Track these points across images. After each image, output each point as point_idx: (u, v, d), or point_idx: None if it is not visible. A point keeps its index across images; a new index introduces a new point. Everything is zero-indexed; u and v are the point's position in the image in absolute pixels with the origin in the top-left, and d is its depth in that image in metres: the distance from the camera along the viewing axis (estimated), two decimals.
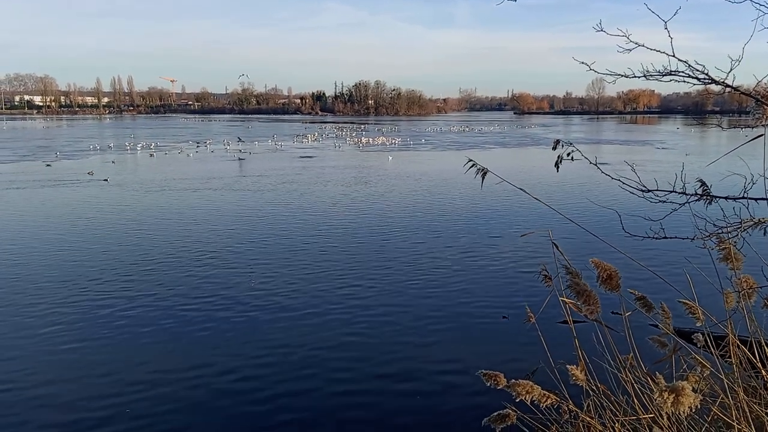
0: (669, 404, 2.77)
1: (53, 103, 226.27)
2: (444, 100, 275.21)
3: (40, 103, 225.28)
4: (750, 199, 3.78)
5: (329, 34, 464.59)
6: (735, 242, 3.77)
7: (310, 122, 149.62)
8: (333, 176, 37.83)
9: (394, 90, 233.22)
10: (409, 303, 13.31)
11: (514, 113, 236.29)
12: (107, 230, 21.24)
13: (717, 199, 3.79)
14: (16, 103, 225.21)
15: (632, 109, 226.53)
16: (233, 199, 28.78)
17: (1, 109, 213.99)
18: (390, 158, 50.76)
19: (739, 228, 3.73)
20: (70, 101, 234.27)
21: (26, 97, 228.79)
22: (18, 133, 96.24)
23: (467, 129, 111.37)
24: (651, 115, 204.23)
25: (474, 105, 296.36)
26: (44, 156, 53.23)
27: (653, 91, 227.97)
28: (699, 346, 3.99)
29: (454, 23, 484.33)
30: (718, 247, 3.84)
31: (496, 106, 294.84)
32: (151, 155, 54.69)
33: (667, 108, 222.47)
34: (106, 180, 35.46)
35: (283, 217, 23.87)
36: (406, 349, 10.91)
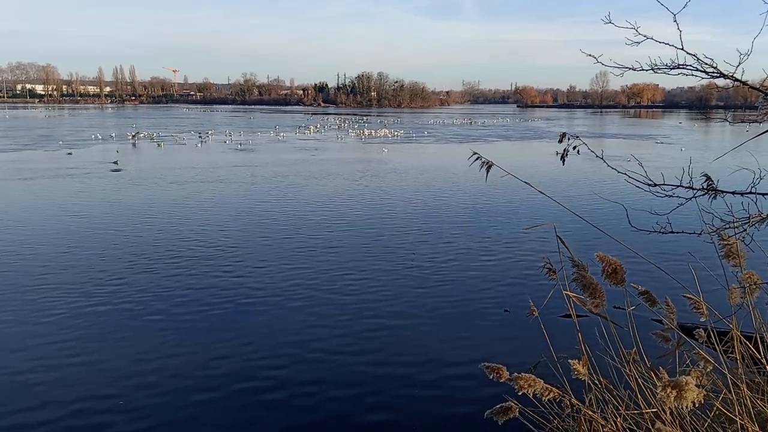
0: (672, 399, 2.76)
1: (55, 92, 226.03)
2: (447, 92, 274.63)
3: (42, 92, 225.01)
4: (758, 194, 3.76)
5: (332, 25, 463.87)
6: (742, 238, 3.75)
7: (312, 114, 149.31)
8: (335, 168, 37.79)
9: (396, 82, 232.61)
10: (409, 295, 13.31)
11: (518, 106, 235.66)
12: (119, 219, 21.26)
13: (724, 193, 3.77)
14: (17, 92, 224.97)
15: (636, 103, 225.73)
16: (238, 190, 28.80)
17: (3, 97, 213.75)
18: (385, 150, 50.48)
19: (746, 223, 3.71)
20: (72, 90, 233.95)
21: (28, 86, 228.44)
22: (20, 122, 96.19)
23: (470, 122, 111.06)
24: (655, 110, 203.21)
25: (477, 98, 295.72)
26: (47, 145, 53.31)
27: (657, 85, 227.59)
28: (702, 341, 3.99)
29: (458, 15, 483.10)
30: (723, 242, 3.83)
31: (500, 99, 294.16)
32: (159, 145, 54.56)
33: (671, 102, 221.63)
34: (119, 170, 35.60)
35: (287, 208, 23.87)
36: (406, 341, 10.91)
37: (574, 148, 3.79)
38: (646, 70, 3.93)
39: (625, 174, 3.83)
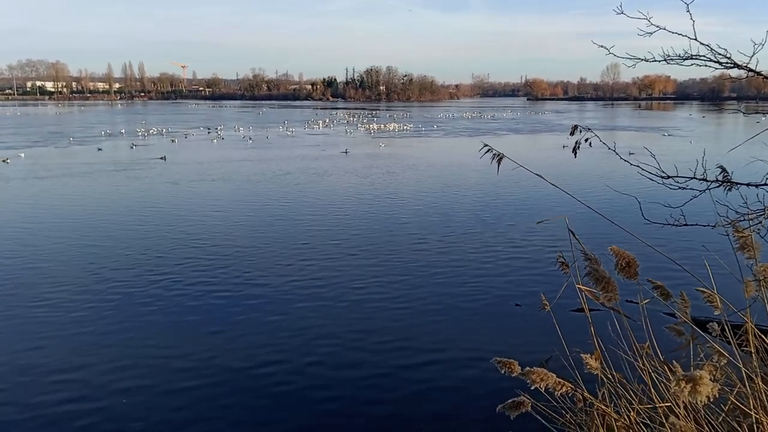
0: (686, 393, 2.73)
1: (65, 89, 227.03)
2: (456, 86, 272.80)
3: (52, 89, 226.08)
4: None
5: (341, 20, 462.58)
6: (758, 229, 3.69)
7: (321, 108, 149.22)
8: (345, 164, 37.79)
9: (405, 76, 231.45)
10: (421, 290, 13.30)
11: (528, 99, 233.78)
12: (132, 218, 21.42)
13: (738, 185, 3.72)
14: (28, 89, 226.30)
15: (647, 95, 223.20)
16: (255, 186, 28.95)
17: (14, 95, 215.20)
18: (382, 145, 50.21)
19: (761, 215, 3.65)
20: (82, 87, 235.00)
21: (38, 83, 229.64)
22: (31, 119, 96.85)
23: (480, 115, 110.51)
24: (666, 102, 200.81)
25: (487, 91, 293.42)
26: (57, 141, 53.71)
27: (669, 77, 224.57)
28: (716, 335, 3.94)
29: (467, 8, 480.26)
30: (737, 235, 3.77)
31: (510, 92, 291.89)
32: (173, 141, 54.75)
33: (683, 94, 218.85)
34: (163, 158, 37.46)
35: (299, 204, 23.97)
36: (418, 336, 10.92)
37: (586, 140, 3.75)
38: (659, 61, 3.89)
39: (637, 166, 3.79)
